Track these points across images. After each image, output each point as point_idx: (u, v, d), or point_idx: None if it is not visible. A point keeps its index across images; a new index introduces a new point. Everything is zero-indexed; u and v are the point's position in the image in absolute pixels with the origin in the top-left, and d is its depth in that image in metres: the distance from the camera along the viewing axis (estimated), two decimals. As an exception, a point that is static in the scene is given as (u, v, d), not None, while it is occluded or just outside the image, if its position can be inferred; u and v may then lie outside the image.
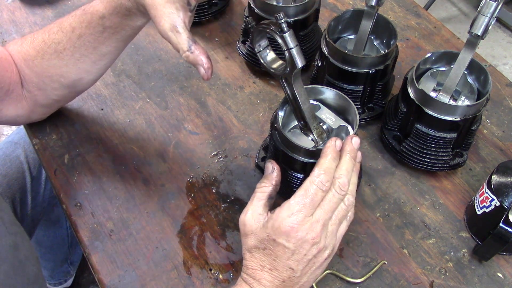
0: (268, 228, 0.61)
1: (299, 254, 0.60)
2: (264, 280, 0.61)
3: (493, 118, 0.93)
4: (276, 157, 0.75)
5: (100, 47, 0.73)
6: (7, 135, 1.61)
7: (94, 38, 0.72)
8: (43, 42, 0.74)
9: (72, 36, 0.72)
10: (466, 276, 0.74)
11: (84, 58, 0.74)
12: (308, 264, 0.61)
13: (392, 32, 0.85)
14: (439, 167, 0.81)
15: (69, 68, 0.75)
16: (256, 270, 0.62)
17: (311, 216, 0.60)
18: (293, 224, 0.59)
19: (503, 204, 0.69)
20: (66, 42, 0.73)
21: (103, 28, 0.70)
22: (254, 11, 0.89)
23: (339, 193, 0.62)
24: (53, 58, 0.74)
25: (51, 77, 0.76)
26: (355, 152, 0.64)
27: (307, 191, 0.60)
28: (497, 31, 2.55)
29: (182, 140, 0.88)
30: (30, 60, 0.75)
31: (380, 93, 0.88)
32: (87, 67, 0.76)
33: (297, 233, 0.59)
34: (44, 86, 0.78)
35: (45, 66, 0.75)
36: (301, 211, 0.60)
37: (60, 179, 0.83)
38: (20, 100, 0.79)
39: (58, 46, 0.73)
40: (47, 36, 0.74)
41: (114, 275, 0.73)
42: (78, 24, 0.71)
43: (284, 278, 0.61)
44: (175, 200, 0.81)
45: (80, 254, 1.49)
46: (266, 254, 0.61)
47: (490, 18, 0.68)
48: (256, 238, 0.62)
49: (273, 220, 0.61)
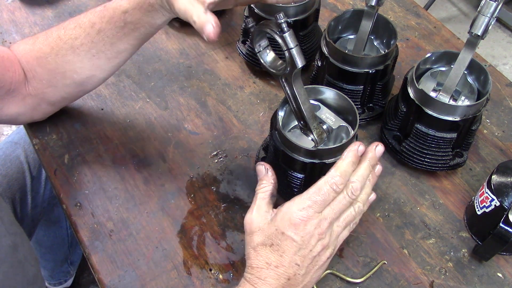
0: (277, 221, 0.62)
1: (305, 249, 0.61)
2: (270, 279, 0.61)
3: (493, 118, 0.93)
4: (276, 157, 0.75)
5: (117, 44, 0.74)
6: (7, 135, 1.61)
7: (113, 34, 0.73)
8: (59, 38, 0.75)
9: (91, 31, 0.73)
10: (466, 276, 0.74)
11: (100, 54, 0.75)
12: (312, 261, 0.62)
13: (392, 32, 0.85)
14: (439, 167, 0.81)
15: (83, 64, 0.76)
16: (262, 269, 0.62)
17: (320, 213, 0.62)
18: (303, 217, 0.60)
19: (503, 204, 0.69)
20: (84, 37, 0.74)
21: (124, 23, 0.71)
22: (254, 11, 0.89)
23: (350, 197, 0.63)
24: (68, 53, 0.75)
25: (64, 73, 0.77)
26: (375, 160, 0.65)
27: (320, 190, 0.62)
28: (497, 31, 2.55)
29: (182, 140, 0.88)
30: (43, 58, 0.76)
31: (380, 93, 0.88)
32: (101, 64, 0.77)
33: (306, 226, 0.60)
34: (55, 82, 0.78)
35: (60, 62, 0.76)
36: (312, 207, 0.61)
37: (60, 179, 0.83)
38: (23, 99, 0.79)
39: (75, 42, 0.74)
40: (63, 32, 0.75)
41: (114, 275, 0.73)
42: (98, 19, 0.72)
43: (289, 275, 0.61)
44: (175, 200, 0.81)
45: (80, 254, 1.49)
46: (273, 250, 0.62)
47: (490, 18, 0.68)
48: (263, 234, 0.63)
49: (282, 213, 0.62)
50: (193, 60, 1.00)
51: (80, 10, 1.08)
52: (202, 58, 1.01)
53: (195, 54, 1.01)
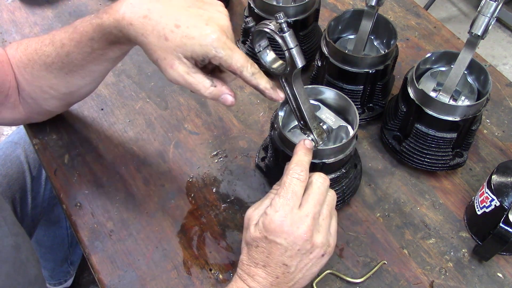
0: (260, 226, 0.62)
1: (292, 250, 0.61)
2: (258, 277, 0.62)
3: (493, 118, 0.93)
4: (276, 157, 0.75)
5: (88, 66, 0.71)
6: (7, 135, 1.61)
7: (83, 58, 0.70)
8: (35, 52, 0.73)
9: (61, 51, 0.70)
10: (466, 276, 0.74)
11: (72, 73, 0.72)
12: (302, 259, 0.62)
13: (392, 32, 0.85)
14: (439, 167, 0.81)
15: (58, 81, 0.74)
16: (250, 266, 0.63)
17: (298, 210, 0.61)
18: (281, 218, 0.60)
19: (503, 204, 0.69)
20: (54, 57, 0.71)
21: (91, 49, 0.68)
22: (254, 11, 0.89)
23: (322, 183, 0.63)
24: (42, 69, 0.73)
25: (41, 88, 0.75)
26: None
27: (286, 185, 0.62)
28: (497, 31, 2.55)
29: (182, 140, 0.88)
30: (22, 68, 0.74)
31: (380, 93, 0.88)
32: (77, 82, 0.74)
33: (287, 227, 0.60)
34: (35, 95, 0.76)
35: (35, 76, 0.74)
36: (286, 204, 0.61)
37: (60, 179, 0.83)
38: (17, 106, 0.79)
39: (47, 59, 0.72)
40: (39, 46, 0.72)
41: (114, 275, 0.73)
42: (68, 41, 0.69)
43: (278, 274, 0.62)
44: (175, 200, 0.81)
45: (80, 254, 1.49)
46: (258, 251, 0.62)
47: (490, 18, 0.68)
48: (249, 235, 0.63)
49: (263, 218, 0.62)
50: (193, 60, 1.00)
51: (80, 10, 1.08)
52: (202, 58, 1.00)
53: (195, 54, 1.01)
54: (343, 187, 0.76)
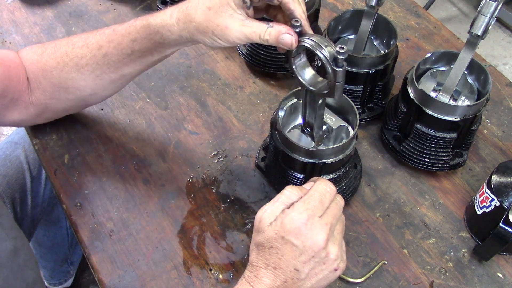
0: (277, 225, 0.61)
1: (306, 255, 0.60)
2: (266, 278, 0.61)
3: (493, 118, 0.93)
4: (276, 157, 0.75)
5: (122, 68, 0.73)
6: (7, 135, 1.61)
7: (119, 59, 0.72)
8: (66, 54, 0.74)
9: (98, 53, 0.72)
10: (466, 276, 0.74)
11: (103, 75, 0.74)
12: (314, 267, 0.61)
13: (392, 32, 0.85)
14: (439, 167, 0.81)
15: (87, 83, 0.75)
16: (260, 268, 0.62)
17: (320, 218, 0.61)
18: (303, 221, 0.60)
19: (503, 204, 0.69)
20: (89, 58, 0.73)
21: (131, 51, 0.70)
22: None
23: (339, 201, 0.64)
24: (73, 71, 0.74)
25: (67, 89, 0.77)
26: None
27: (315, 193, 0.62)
28: (497, 31, 2.55)
29: (182, 140, 0.88)
30: (48, 71, 0.75)
31: (380, 93, 0.88)
32: (104, 84, 0.76)
33: (307, 231, 0.59)
34: (58, 96, 0.78)
35: (64, 77, 0.75)
36: (310, 210, 0.60)
37: (60, 179, 0.83)
38: (26, 107, 0.79)
39: (81, 61, 0.73)
40: (71, 49, 0.74)
41: (114, 275, 0.73)
42: (106, 43, 0.71)
43: (287, 278, 0.60)
44: (175, 200, 0.81)
45: (80, 254, 1.49)
46: (271, 252, 0.61)
47: (490, 18, 0.68)
48: (263, 236, 0.62)
49: (282, 218, 0.61)
50: (193, 60, 1.00)
51: (80, 10, 1.08)
52: (202, 58, 1.01)
53: (195, 54, 1.01)
54: (343, 187, 0.76)
